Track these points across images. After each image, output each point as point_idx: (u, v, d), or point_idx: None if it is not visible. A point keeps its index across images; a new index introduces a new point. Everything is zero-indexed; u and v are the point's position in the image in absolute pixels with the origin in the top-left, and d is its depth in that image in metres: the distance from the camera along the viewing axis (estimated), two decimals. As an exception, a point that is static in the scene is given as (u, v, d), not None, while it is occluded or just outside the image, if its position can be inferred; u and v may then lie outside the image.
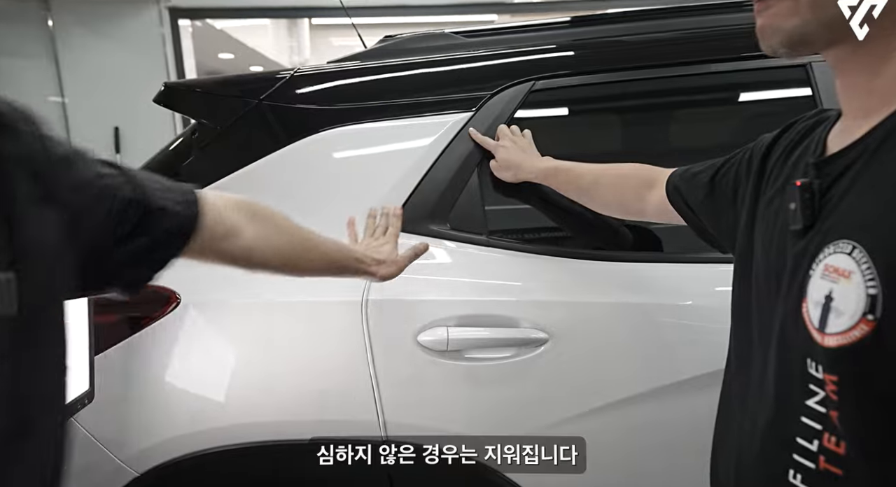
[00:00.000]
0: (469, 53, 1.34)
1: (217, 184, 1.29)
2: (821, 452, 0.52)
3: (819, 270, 0.52)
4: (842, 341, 0.48)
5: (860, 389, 0.48)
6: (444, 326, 1.14)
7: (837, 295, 0.49)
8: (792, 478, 0.54)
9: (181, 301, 1.22)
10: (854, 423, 0.49)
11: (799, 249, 0.56)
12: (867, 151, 0.52)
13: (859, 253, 0.48)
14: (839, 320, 0.48)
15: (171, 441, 1.21)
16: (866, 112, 0.54)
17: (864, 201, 0.51)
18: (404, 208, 1.23)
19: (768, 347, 0.59)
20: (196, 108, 1.42)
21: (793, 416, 0.54)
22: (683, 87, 1.28)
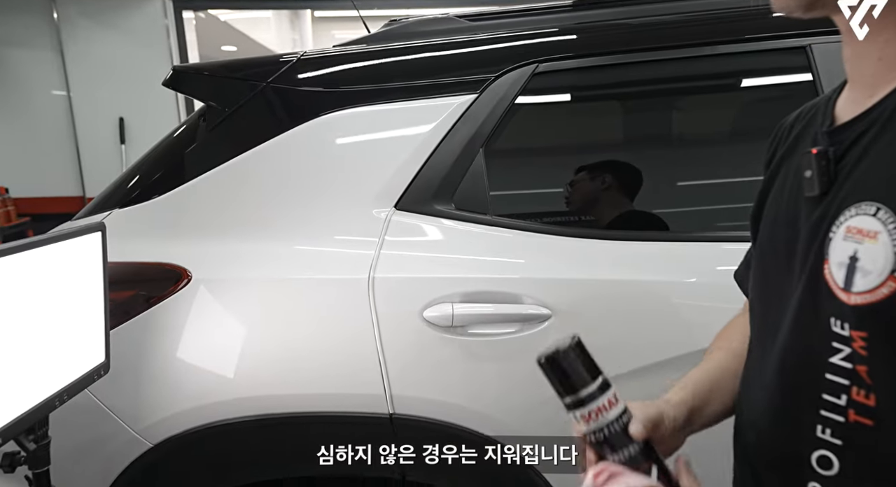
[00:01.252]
0: (473, 37, 1.36)
1: (224, 166, 1.32)
2: (850, 406, 0.53)
3: (840, 232, 0.53)
4: (870, 299, 0.50)
5: (889, 344, 0.50)
6: (450, 302, 1.17)
7: (863, 255, 0.51)
8: (821, 433, 0.55)
9: (192, 278, 1.25)
10: (883, 376, 0.51)
11: (817, 215, 0.57)
12: (881, 119, 0.53)
13: (885, 214, 0.49)
14: (866, 279, 0.50)
15: (183, 414, 1.24)
16: (875, 81, 0.55)
17: (882, 165, 0.52)
18: (409, 188, 1.25)
19: (784, 315, 0.60)
20: (204, 91, 1.44)
21: (818, 373, 0.55)
22: (686, 70, 1.30)
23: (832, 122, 0.60)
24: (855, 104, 0.57)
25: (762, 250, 0.67)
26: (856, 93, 0.58)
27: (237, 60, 1.50)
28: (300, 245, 1.27)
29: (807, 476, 0.56)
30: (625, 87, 1.39)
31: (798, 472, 0.57)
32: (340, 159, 1.31)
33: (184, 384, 1.25)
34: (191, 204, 1.33)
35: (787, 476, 0.58)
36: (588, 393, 0.58)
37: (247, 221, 1.30)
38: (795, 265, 0.59)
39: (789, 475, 0.58)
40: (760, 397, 0.63)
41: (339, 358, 1.22)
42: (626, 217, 1.36)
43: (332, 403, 1.23)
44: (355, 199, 1.28)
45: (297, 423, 1.24)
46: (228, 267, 1.27)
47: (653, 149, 1.42)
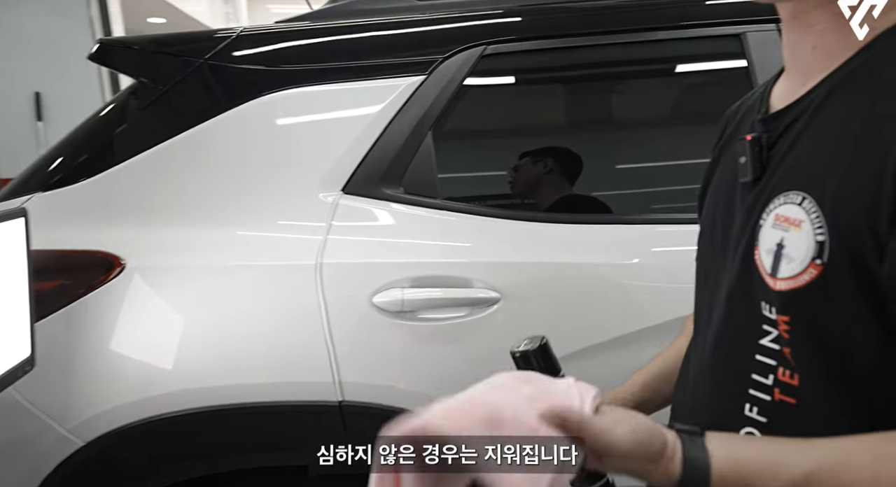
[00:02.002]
0: (421, 16, 1.33)
1: (159, 148, 1.25)
2: (776, 385, 0.55)
3: (770, 220, 0.55)
4: (792, 284, 0.52)
5: (809, 327, 0.52)
6: (399, 287, 1.16)
7: (788, 243, 0.53)
8: (748, 412, 0.57)
9: (126, 266, 1.18)
10: (805, 357, 0.53)
11: (750, 200, 0.59)
12: (810, 108, 0.55)
13: (809, 203, 0.51)
14: (790, 265, 0.52)
15: (118, 409, 1.18)
16: (809, 70, 0.57)
17: (810, 155, 0.53)
18: (357, 171, 1.23)
19: (717, 295, 0.62)
20: (135, 67, 1.36)
21: (748, 355, 0.57)
22: (629, 55, 1.33)
23: (767, 110, 0.61)
24: (789, 92, 0.59)
25: (702, 233, 0.69)
26: (791, 81, 0.60)
27: (171, 34, 1.41)
28: (242, 230, 1.22)
29: None
30: (571, 71, 1.40)
31: None
32: (284, 141, 1.27)
33: (119, 378, 1.20)
34: (122, 187, 1.25)
35: None
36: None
37: (184, 206, 1.24)
38: (729, 249, 0.61)
39: None
40: (695, 375, 0.66)
41: (286, 347, 1.19)
42: (570, 200, 1.38)
43: (279, 392, 1.20)
44: (301, 183, 1.24)
45: (243, 414, 1.20)
46: (165, 254, 1.21)
47: (599, 133, 1.44)
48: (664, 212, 1.27)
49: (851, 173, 0.49)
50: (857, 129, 0.50)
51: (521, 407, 0.48)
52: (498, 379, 0.53)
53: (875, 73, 0.51)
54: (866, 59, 0.53)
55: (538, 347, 0.72)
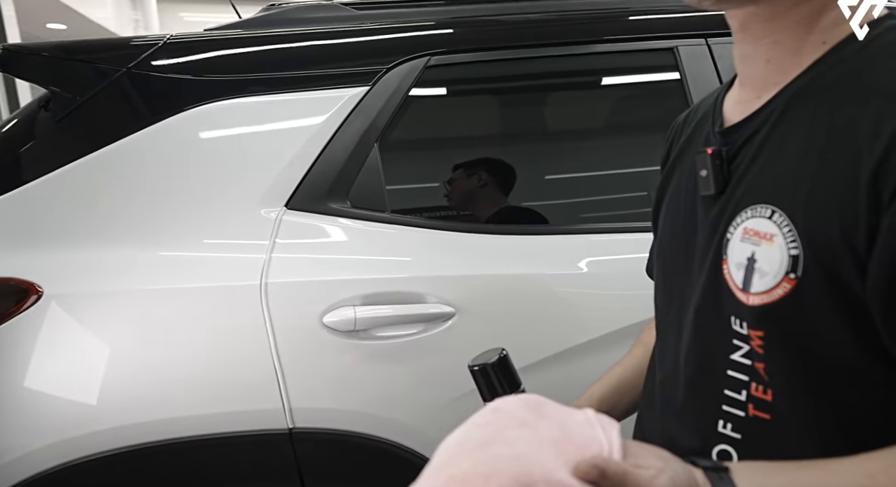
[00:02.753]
0: (363, 26, 1.30)
1: (77, 164, 1.15)
2: (749, 401, 0.54)
3: (738, 233, 0.54)
4: (766, 299, 0.51)
5: (783, 342, 0.51)
6: (351, 306, 1.11)
7: (760, 257, 0.51)
8: (722, 428, 0.56)
9: (43, 293, 1.07)
10: (780, 372, 0.52)
11: (713, 214, 0.57)
12: (769, 120, 0.54)
13: (780, 217, 0.50)
14: (763, 280, 0.51)
15: (35, 453, 1.07)
16: (763, 83, 0.57)
17: (774, 167, 0.52)
18: (301, 186, 1.17)
19: (685, 311, 0.61)
20: (47, 76, 1.24)
21: (719, 371, 0.56)
22: (574, 66, 1.35)
23: (723, 123, 0.61)
24: (743, 105, 0.59)
25: (662, 247, 0.68)
26: (745, 93, 0.59)
27: (86, 41, 1.30)
28: (176, 251, 1.14)
29: None
30: (517, 81, 1.41)
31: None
32: (220, 155, 1.19)
33: (35, 418, 1.08)
34: (36, 207, 1.13)
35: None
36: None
37: (107, 227, 1.14)
38: (694, 263, 0.60)
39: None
40: (663, 393, 0.64)
41: (227, 374, 1.11)
42: (516, 211, 1.38)
43: (220, 423, 1.12)
44: (240, 199, 1.17)
45: (181, 450, 1.11)
46: (87, 280, 1.11)
47: (546, 143, 1.46)
48: (611, 220, 1.29)
49: (820, 186, 0.48)
50: (821, 142, 0.49)
51: (547, 458, 0.41)
52: (505, 406, 0.46)
53: (831, 85, 0.51)
54: (821, 72, 0.52)
55: (497, 360, 0.71)
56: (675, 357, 0.62)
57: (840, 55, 0.52)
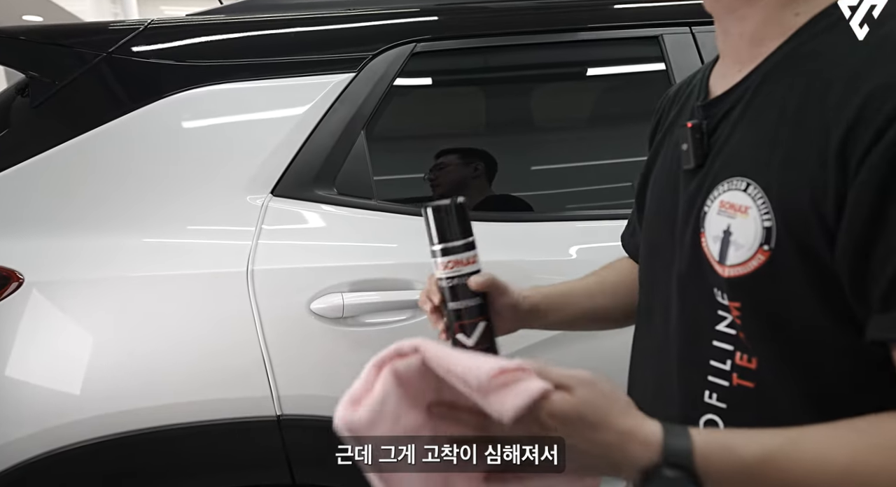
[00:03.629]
0: (349, 12, 1.29)
1: (57, 150, 1.13)
2: (734, 370, 0.55)
3: (715, 206, 0.55)
4: (741, 271, 0.52)
5: (758, 312, 0.52)
6: (339, 292, 1.11)
7: (736, 230, 0.52)
8: (708, 398, 0.57)
9: (24, 281, 1.05)
10: (759, 341, 0.53)
11: (692, 187, 0.58)
12: (747, 94, 0.56)
13: (754, 190, 0.51)
14: (738, 252, 0.52)
15: (17, 442, 1.06)
16: (740, 56, 0.58)
17: (749, 141, 0.53)
18: (287, 172, 1.16)
19: (670, 286, 0.61)
20: (24, 60, 1.21)
21: (706, 341, 0.57)
22: (562, 54, 1.35)
23: (706, 96, 0.62)
24: (725, 78, 0.60)
25: (648, 223, 0.69)
26: (726, 67, 0.60)
27: (66, 25, 1.28)
28: (160, 238, 1.13)
29: None
30: (502, 68, 1.41)
31: None
32: (204, 142, 1.18)
33: (16, 407, 1.06)
34: (15, 195, 1.11)
35: None
36: (455, 246, 0.64)
37: (89, 214, 1.13)
38: (675, 237, 0.61)
39: None
40: (651, 365, 0.65)
41: (214, 362, 1.10)
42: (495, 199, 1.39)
43: (206, 410, 1.11)
44: (225, 186, 1.16)
45: (166, 438, 1.10)
46: (69, 267, 1.09)
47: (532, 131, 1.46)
48: (597, 208, 1.30)
49: (793, 158, 0.49)
50: (794, 114, 0.50)
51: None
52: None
53: (805, 58, 0.52)
54: (797, 44, 0.53)
55: (457, 203, 0.64)
56: (664, 332, 0.63)
57: (814, 30, 0.52)
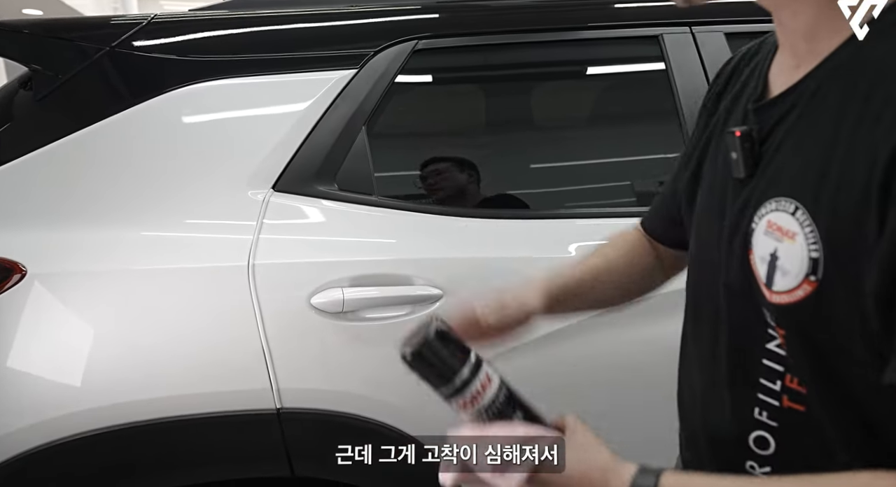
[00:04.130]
0: (351, 9, 1.30)
1: (61, 143, 1.13)
2: (784, 392, 0.54)
3: (762, 225, 0.52)
4: (787, 299, 0.50)
5: (805, 340, 0.50)
6: (339, 287, 1.12)
7: (782, 255, 0.50)
8: (758, 415, 0.56)
9: (27, 273, 1.06)
10: (805, 369, 0.52)
11: (741, 201, 0.56)
12: (802, 100, 0.52)
13: (802, 215, 0.48)
14: (785, 279, 0.50)
15: (16, 434, 1.06)
16: (797, 51, 0.54)
17: (802, 155, 0.50)
18: (288, 168, 1.17)
19: (717, 290, 0.59)
20: (28, 53, 1.22)
21: (756, 359, 0.55)
22: (563, 52, 1.36)
23: (763, 92, 0.58)
24: (783, 75, 0.56)
25: (699, 220, 0.65)
26: (784, 59, 0.57)
27: (68, 19, 1.29)
28: (162, 231, 1.13)
29: (745, 455, 0.58)
30: (503, 66, 1.42)
31: (737, 452, 0.58)
32: (207, 136, 1.19)
33: (17, 398, 1.07)
34: (18, 187, 1.12)
35: (728, 455, 0.60)
36: (462, 381, 0.55)
37: (92, 207, 1.13)
38: (723, 245, 0.58)
39: (729, 454, 0.59)
40: (701, 371, 0.64)
41: (215, 354, 1.11)
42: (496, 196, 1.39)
43: (207, 403, 1.12)
44: (226, 181, 1.16)
45: (166, 430, 1.11)
46: (72, 259, 1.10)
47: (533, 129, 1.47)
48: (597, 206, 1.31)
49: (843, 185, 0.45)
50: (849, 130, 0.46)
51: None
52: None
53: (864, 67, 0.47)
54: (854, 48, 0.48)
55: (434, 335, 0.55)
56: (713, 340, 0.61)
57: (875, 31, 0.47)
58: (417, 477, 1.16)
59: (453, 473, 0.54)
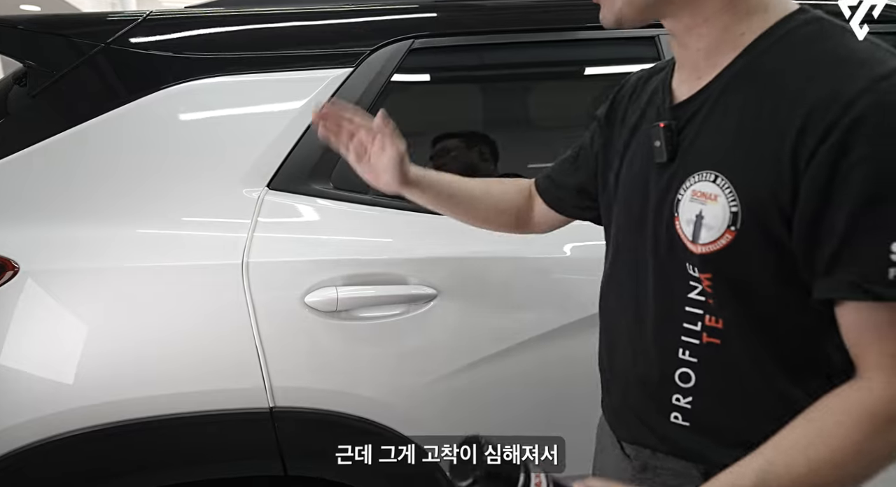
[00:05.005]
0: (348, 7, 1.30)
1: (55, 139, 1.13)
2: (703, 330, 0.67)
3: (688, 195, 0.65)
4: (712, 248, 0.63)
5: (726, 280, 0.64)
6: (333, 286, 1.12)
7: (707, 214, 0.63)
8: (681, 354, 0.69)
9: (19, 269, 1.05)
10: (725, 305, 0.65)
11: (665, 179, 0.68)
12: (709, 100, 0.65)
13: (721, 181, 0.62)
14: (709, 233, 0.63)
15: (10, 430, 1.06)
16: (698, 67, 0.67)
17: (716, 139, 0.64)
18: (283, 166, 1.17)
19: (643, 262, 0.72)
20: (23, 49, 1.21)
21: (679, 307, 0.68)
22: (557, 52, 1.36)
23: (672, 99, 0.71)
24: (686, 85, 0.69)
25: (620, 207, 0.77)
26: (685, 74, 0.69)
27: (63, 15, 1.28)
28: (155, 229, 1.13)
29: (671, 390, 0.71)
30: (499, 66, 1.42)
31: (664, 387, 0.71)
32: (201, 134, 1.18)
33: (10, 395, 1.07)
34: (12, 184, 1.12)
35: (656, 390, 0.72)
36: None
37: (86, 204, 1.13)
38: (647, 222, 0.71)
39: (657, 390, 0.72)
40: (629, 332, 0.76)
41: (208, 352, 1.11)
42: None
43: (199, 401, 1.12)
44: (221, 178, 1.16)
45: (159, 428, 1.11)
46: (66, 256, 1.10)
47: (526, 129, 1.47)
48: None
49: (753, 157, 0.60)
50: (753, 120, 0.60)
51: None
52: None
53: (758, 71, 0.62)
54: (749, 59, 0.63)
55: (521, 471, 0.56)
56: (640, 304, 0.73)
57: (761, 46, 0.62)
58: (411, 477, 1.17)
59: None
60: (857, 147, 0.53)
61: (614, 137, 0.80)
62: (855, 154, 0.53)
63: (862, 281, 0.55)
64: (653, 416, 0.74)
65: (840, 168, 0.54)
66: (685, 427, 0.71)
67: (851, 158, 0.53)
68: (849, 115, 0.53)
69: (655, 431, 0.74)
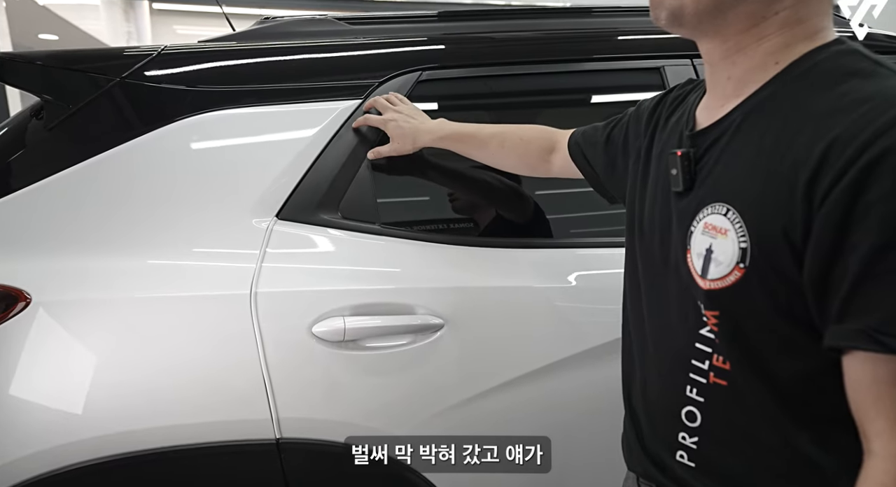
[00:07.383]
0: (357, 40, 1.32)
1: (69, 172, 1.15)
2: (711, 369, 0.65)
3: (700, 227, 0.64)
4: (720, 284, 0.61)
5: (732, 319, 0.62)
6: (340, 316, 1.12)
7: (717, 248, 0.62)
8: (689, 392, 0.68)
9: (31, 300, 1.07)
10: (731, 346, 0.63)
11: (681, 208, 0.67)
12: (729, 130, 0.64)
13: (732, 215, 0.60)
14: (718, 268, 0.61)
15: (18, 463, 1.06)
16: (726, 94, 0.66)
17: (730, 171, 0.63)
18: (292, 196, 1.18)
19: (662, 291, 0.71)
20: (40, 84, 1.25)
21: (689, 343, 0.67)
22: (562, 83, 1.37)
23: (693, 126, 0.70)
24: (710, 111, 0.68)
25: (642, 230, 0.76)
26: (712, 101, 0.69)
27: (80, 51, 1.32)
28: (167, 260, 1.14)
29: (678, 428, 0.70)
30: (506, 97, 1.43)
31: (671, 424, 0.70)
32: (212, 165, 1.20)
33: (20, 426, 1.07)
34: (26, 215, 1.13)
35: (664, 427, 0.72)
36: None
37: (98, 236, 1.14)
38: (671, 252, 0.70)
39: (665, 426, 0.72)
40: (645, 360, 0.76)
41: (215, 383, 1.11)
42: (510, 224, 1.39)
43: (206, 433, 1.12)
44: (231, 209, 1.17)
45: (166, 459, 1.10)
46: (78, 287, 1.11)
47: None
48: (599, 235, 1.31)
49: (767, 191, 0.58)
50: (769, 153, 0.59)
51: None
52: None
53: (781, 103, 0.60)
54: (773, 90, 0.62)
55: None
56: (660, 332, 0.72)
57: (786, 78, 0.61)
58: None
59: None
60: (875, 186, 0.51)
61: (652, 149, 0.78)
62: (872, 193, 0.51)
63: (873, 331, 0.52)
64: (661, 453, 0.73)
65: (856, 207, 0.52)
66: (691, 467, 0.69)
67: (868, 198, 0.51)
68: (868, 154, 0.51)
69: (665, 470, 0.73)
